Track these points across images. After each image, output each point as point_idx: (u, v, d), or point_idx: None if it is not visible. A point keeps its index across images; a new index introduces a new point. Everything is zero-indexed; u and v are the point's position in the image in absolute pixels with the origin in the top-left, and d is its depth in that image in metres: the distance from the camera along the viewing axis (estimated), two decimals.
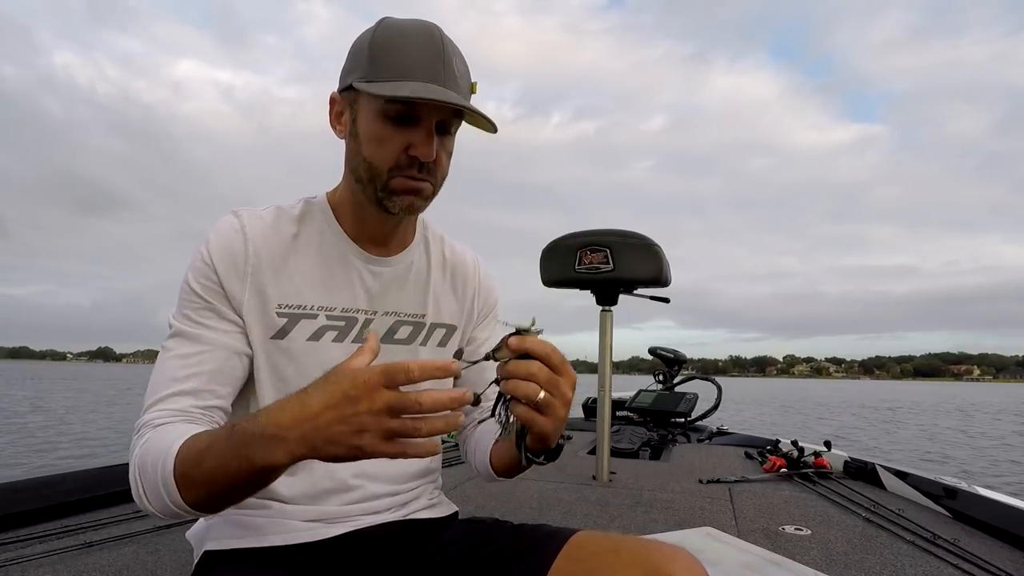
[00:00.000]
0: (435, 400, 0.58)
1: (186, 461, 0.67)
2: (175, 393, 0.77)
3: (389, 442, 0.59)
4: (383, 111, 0.78)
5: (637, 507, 2.24)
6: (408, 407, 0.58)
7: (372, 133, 0.80)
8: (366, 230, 0.89)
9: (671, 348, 4.73)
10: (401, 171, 0.80)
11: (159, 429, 0.73)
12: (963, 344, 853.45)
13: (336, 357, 0.86)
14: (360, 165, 0.82)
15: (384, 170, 0.80)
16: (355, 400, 0.58)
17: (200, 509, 0.69)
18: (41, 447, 9.36)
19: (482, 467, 0.96)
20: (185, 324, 0.81)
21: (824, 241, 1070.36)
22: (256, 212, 0.87)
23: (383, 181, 0.81)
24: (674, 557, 0.73)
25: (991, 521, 1.99)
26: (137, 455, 0.72)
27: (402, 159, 0.79)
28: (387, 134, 0.79)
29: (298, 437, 0.60)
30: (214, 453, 0.65)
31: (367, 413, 0.57)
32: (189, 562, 0.88)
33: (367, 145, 0.81)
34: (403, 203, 0.82)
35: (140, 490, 0.70)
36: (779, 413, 22.61)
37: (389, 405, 0.57)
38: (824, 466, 2.82)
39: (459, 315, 0.99)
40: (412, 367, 0.58)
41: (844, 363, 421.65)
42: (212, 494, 0.67)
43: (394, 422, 0.58)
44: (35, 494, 1.78)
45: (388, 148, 0.79)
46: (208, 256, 0.81)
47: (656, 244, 2.57)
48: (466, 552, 0.86)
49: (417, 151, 0.79)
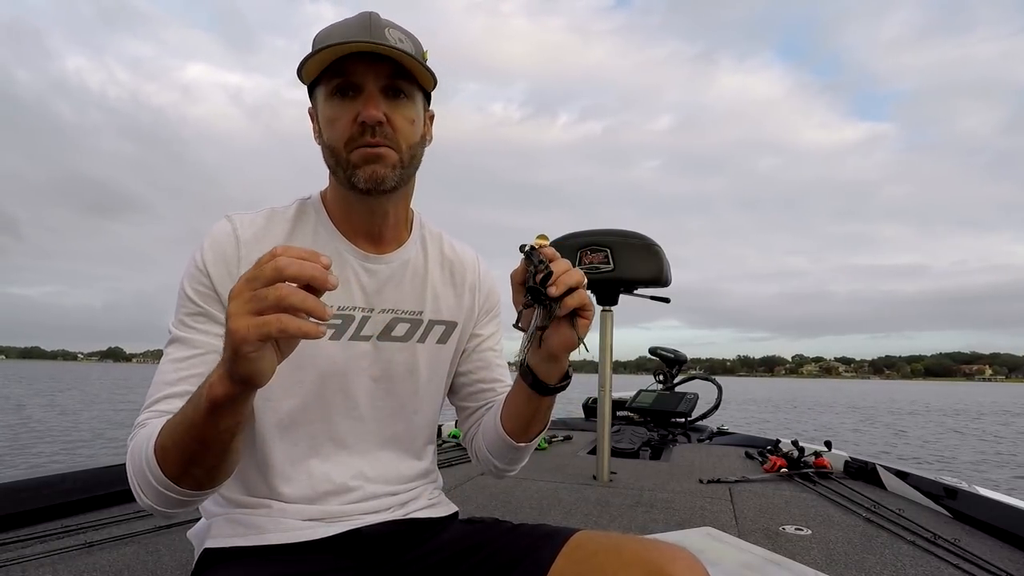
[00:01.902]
0: (288, 267, 0.56)
1: (162, 435, 0.69)
2: (167, 396, 0.78)
3: (254, 318, 0.56)
4: (329, 91, 0.82)
5: (637, 507, 2.24)
6: (259, 278, 0.56)
7: (326, 116, 0.83)
8: (358, 226, 0.90)
9: (671, 348, 4.74)
10: (356, 142, 0.82)
11: (147, 426, 0.75)
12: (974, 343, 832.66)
13: (333, 355, 0.86)
14: (325, 152, 0.85)
15: (342, 146, 0.82)
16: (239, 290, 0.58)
17: (184, 484, 0.69)
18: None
19: (493, 445, 0.95)
20: (180, 330, 0.82)
21: (832, 240, 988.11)
22: (249, 215, 0.88)
23: (345, 158, 0.83)
24: (674, 557, 0.73)
25: (991, 521, 1.99)
26: (129, 452, 0.75)
27: (354, 130, 0.81)
28: (337, 111, 0.82)
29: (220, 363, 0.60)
30: (178, 417, 0.67)
31: (232, 305, 0.57)
32: (190, 562, 0.89)
33: (325, 130, 0.84)
34: (366, 173, 0.82)
35: (133, 482, 0.73)
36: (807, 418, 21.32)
37: (242, 284, 0.57)
38: (824, 466, 2.82)
39: (458, 312, 0.99)
40: (277, 249, 0.57)
41: (854, 363, 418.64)
42: (187, 459, 0.67)
43: (251, 301, 0.56)
44: (35, 494, 1.78)
45: (340, 124, 0.82)
46: (202, 261, 0.82)
47: (656, 244, 2.57)
48: (466, 552, 0.86)
49: (362, 114, 0.80)
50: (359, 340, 0.89)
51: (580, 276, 0.77)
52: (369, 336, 0.89)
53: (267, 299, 0.55)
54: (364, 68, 0.80)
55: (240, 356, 0.57)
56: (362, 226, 0.90)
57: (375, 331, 0.90)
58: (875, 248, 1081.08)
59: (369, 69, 0.80)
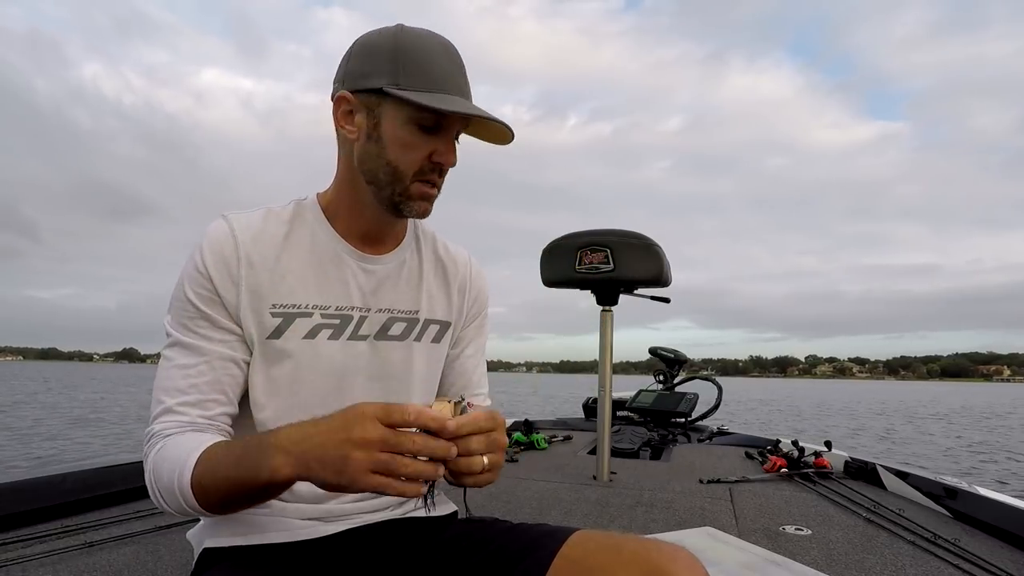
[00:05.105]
0: (426, 445, 0.62)
1: (203, 475, 0.72)
2: (180, 403, 0.80)
3: (374, 475, 0.61)
4: (415, 119, 0.81)
5: (637, 507, 2.24)
6: (400, 445, 0.61)
7: (401, 138, 0.82)
8: (360, 229, 0.90)
9: (671, 348, 4.73)
10: (422, 176, 0.84)
11: (170, 439, 0.78)
12: (990, 343, 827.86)
13: (332, 355, 0.86)
14: (382, 168, 0.84)
15: (409, 174, 0.83)
16: (350, 427, 0.62)
17: (213, 512, 0.75)
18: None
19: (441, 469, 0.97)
20: (183, 334, 0.82)
21: (844, 240, 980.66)
22: (246, 215, 0.87)
23: (404, 186, 0.84)
24: (674, 557, 0.73)
25: (991, 521, 1.99)
26: (151, 463, 0.77)
27: (425, 165, 0.83)
28: (416, 141, 0.82)
29: (299, 453, 0.64)
30: (227, 464, 0.71)
31: (360, 441, 0.61)
32: (189, 562, 0.89)
33: (393, 149, 0.82)
34: (419, 208, 0.86)
35: (156, 492, 0.76)
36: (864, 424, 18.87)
37: (383, 439, 0.61)
38: (825, 466, 2.82)
39: (450, 312, 1.00)
40: (409, 410, 0.61)
41: (868, 363, 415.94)
42: (224, 501, 0.73)
43: (382, 456, 0.61)
44: (35, 494, 1.78)
45: (415, 154, 0.83)
46: (202, 264, 0.82)
47: (656, 244, 2.56)
48: (465, 551, 0.86)
49: (442, 158, 0.83)
50: (357, 340, 0.89)
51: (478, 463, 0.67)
52: (366, 336, 0.90)
53: (403, 470, 0.61)
54: (455, 119, 0.82)
55: (339, 487, 0.63)
56: (363, 229, 0.90)
57: (372, 331, 0.90)
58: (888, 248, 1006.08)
59: (458, 121, 0.83)
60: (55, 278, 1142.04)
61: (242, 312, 0.83)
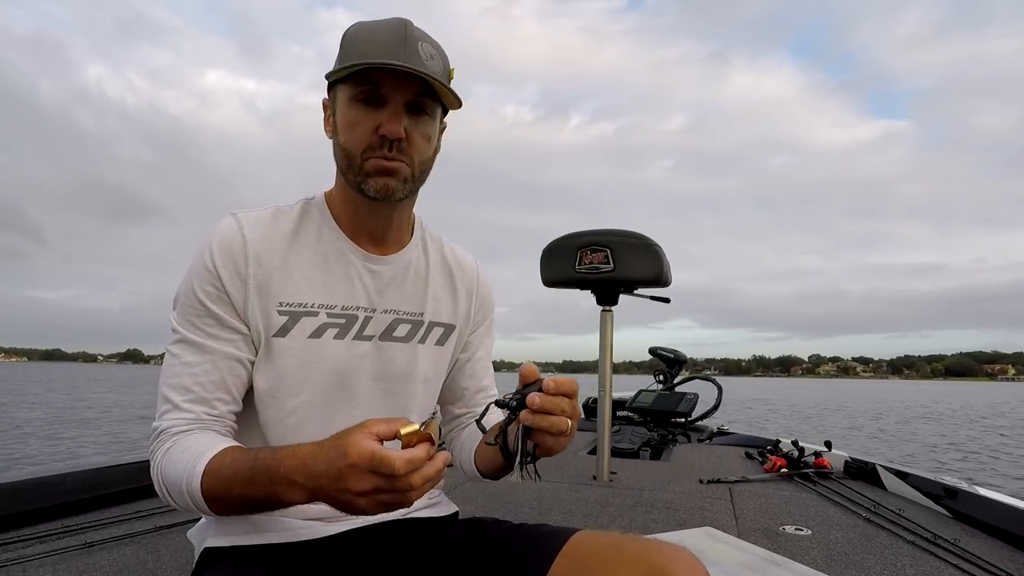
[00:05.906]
0: (423, 477, 0.64)
1: (214, 488, 0.73)
2: (187, 401, 0.80)
3: (381, 505, 0.65)
4: (353, 95, 0.82)
5: (637, 507, 2.24)
6: (397, 489, 0.63)
7: (346, 119, 0.83)
8: (361, 227, 0.90)
9: (671, 348, 4.73)
10: (373, 152, 0.82)
11: (179, 438, 0.78)
12: (995, 343, 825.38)
13: (337, 354, 0.86)
14: (338, 153, 0.85)
15: (358, 153, 0.83)
16: (346, 478, 0.63)
17: (222, 516, 0.78)
18: None
19: (467, 465, 1.00)
20: (190, 331, 0.82)
21: (847, 239, 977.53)
22: (255, 213, 0.88)
23: (358, 164, 0.83)
24: (674, 557, 0.73)
25: (991, 521, 1.99)
26: (159, 462, 0.78)
27: (373, 140, 0.82)
28: (358, 117, 0.82)
29: (312, 488, 0.67)
30: (241, 482, 0.71)
31: (358, 491, 0.63)
32: (189, 562, 0.89)
33: (343, 132, 0.84)
34: (377, 184, 0.83)
35: (163, 491, 0.78)
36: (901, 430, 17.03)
37: (378, 488, 0.63)
38: (824, 466, 2.82)
39: (456, 315, 1.00)
40: (398, 466, 0.61)
41: (872, 363, 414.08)
42: (238, 510, 0.75)
43: (383, 497, 0.64)
44: (35, 494, 1.78)
45: (360, 130, 0.82)
46: (211, 262, 0.82)
47: (656, 244, 2.56)
48: (466, 551, 0.86)
49: (384, 129, 0.81)
50: (362, 340, 0.89)
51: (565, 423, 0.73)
52: (371, 336, 0.90)
53: (406, 503, 0.65)
54: (393, 82, 0.80)
55: (345, 511, 0.66)
56: (366, 227, 0.90)
57: (377, 331, 0.90)
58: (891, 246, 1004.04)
59: (397, 84, 0.80)
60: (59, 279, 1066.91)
61: (249, 310, 0.83)
